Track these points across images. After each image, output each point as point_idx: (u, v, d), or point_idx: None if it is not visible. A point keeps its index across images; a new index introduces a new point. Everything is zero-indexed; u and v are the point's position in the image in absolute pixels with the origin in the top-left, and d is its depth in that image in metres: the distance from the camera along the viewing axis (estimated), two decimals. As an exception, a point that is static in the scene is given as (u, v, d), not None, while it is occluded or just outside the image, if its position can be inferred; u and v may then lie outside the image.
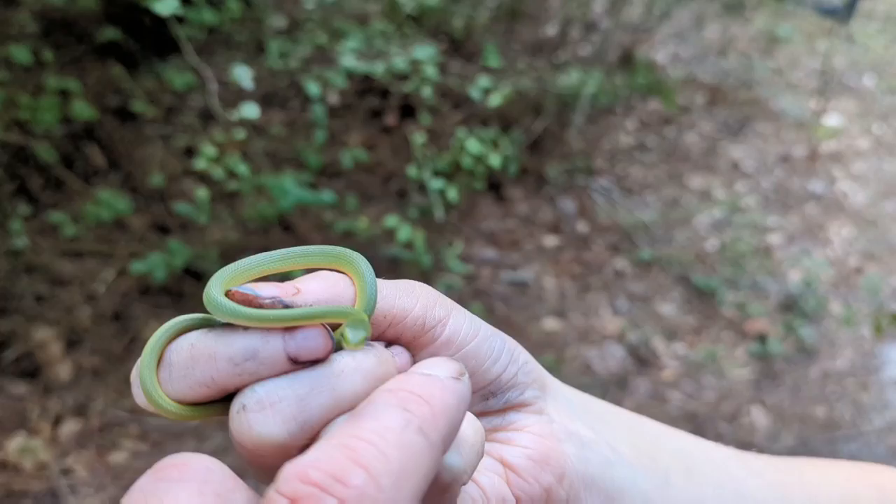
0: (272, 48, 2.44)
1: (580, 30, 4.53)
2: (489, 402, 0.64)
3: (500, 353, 0.63)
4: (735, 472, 0.77)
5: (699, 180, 4.14)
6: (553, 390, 0.68)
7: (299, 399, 0.49)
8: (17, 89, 2.59)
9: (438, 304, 0.60)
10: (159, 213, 3.22)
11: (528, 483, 0.62)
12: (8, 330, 2.80)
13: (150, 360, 0.52)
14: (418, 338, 0.58)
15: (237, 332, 0.50)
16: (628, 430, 0.74)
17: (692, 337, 3.36)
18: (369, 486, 0.38)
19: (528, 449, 0.63)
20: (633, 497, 0.68)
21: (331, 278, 0.55)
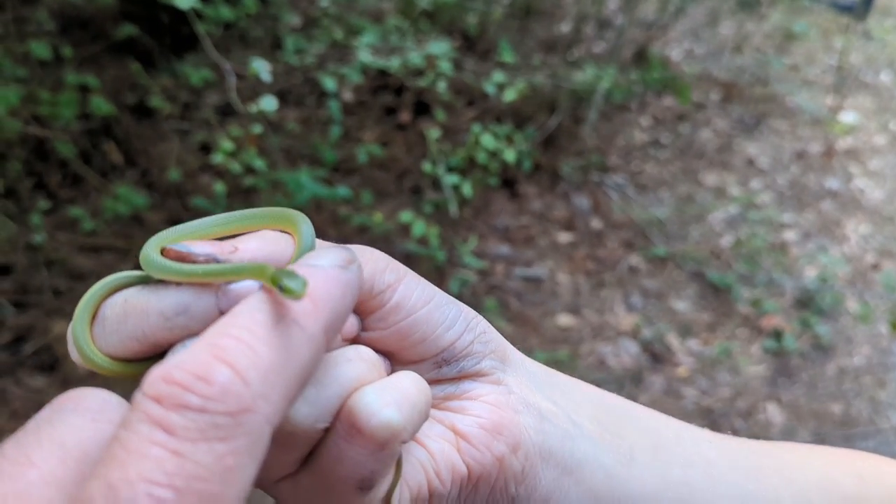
0: (288, 43, 2.45)
1: (594, 27, 4.53)
2: (442, 369, 0.63)
3: (455, 320, 0.62)
4: (706, 453, 0.75)
5: (714, 177, 4.13)
6: (514, 362, 0.68)
7: None
8: (37, 85, 2.62)
9: (389, 270, 0.59)
10: (175, 209, 3.24)
11: (479, 451, 0.61)
12: (27, 323, 2.83)
13: (83, 314, 0.52)
14: (365, 302, 0.58)
15: (170, 288, 0.50)
16: (593, 406, 0.72)
17: (707, 333, 3.35)
18: (234, 383, 0.38)
19: (480, 418, 0.63)
20: (593, 471, 0.67)
21: (270, 237, 0.54)
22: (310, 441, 0.51)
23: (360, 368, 0.53)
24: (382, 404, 0.50)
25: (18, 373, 2.74)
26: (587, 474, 0.66)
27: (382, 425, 0.50)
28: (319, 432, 0.51)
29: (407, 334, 0.59)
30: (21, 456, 0.37)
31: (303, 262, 0.48)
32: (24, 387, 2.72)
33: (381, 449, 0.51)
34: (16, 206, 2.93)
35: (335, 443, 0.51)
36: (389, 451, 0.51)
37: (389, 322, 0.59)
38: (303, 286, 0.46)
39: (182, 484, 0.35)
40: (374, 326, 0.59)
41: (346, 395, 0.51)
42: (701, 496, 0.71)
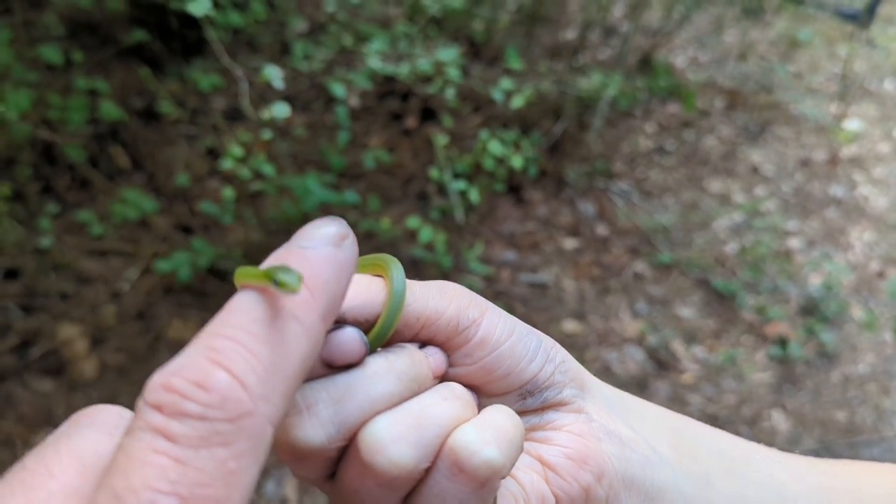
0: (297, 49, 2.47)
1: (600, 34, 4.54)
2: (527, 401, 0.64)
3: (536, 352, 0.63)
4: (778, 475, 0.76)
5: (718, 184, 4.14)
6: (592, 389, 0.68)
7: (335, 402, 0.50)
8: (47, 89, 2.63)
9: (472, 305, 0.60)
10: (182, 214, 3.25)
11: (567, 482, 0.62)
12: (34, 327, 2.83)
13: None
14: (452, 338, 0.59)
15: None
16: (669, 430, 0.73)
17: (712, 340, 3.35)
18: (233, 388, 0.37)
19: (566, 448, 0.63)
20: (673, 498, 0.68)
21: (362, 283, 0.56)
22: (412, 481, 0.52)
23: (456, 407, 0.54)
24: (483, 443, 0.51)
25: (25, 376, 2.74)
26: (668, 500, 0.67)
27: (485, 463, 0.51)
28: (422, 472, 0.51)
29: (492, 369, 0.60)
30: (41, 468, 0.38)
31: (293, 243, 0.47)
32: (30, 390, 2.73)
33: (483, 486, 0.51)
34: (24, 209, 2.94)
35: (437, 482, 0.52)
36: (490, 487, 0.52)
37: (475, 358, 0.59)
38: (298, 280, 0.45)
39: (186, 491, 0.35)
40: (460, 363, 0.60)
41: (446, 435, 0.52)
42: None
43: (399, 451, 0.50)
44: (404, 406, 0.53)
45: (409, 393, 0.53)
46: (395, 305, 0.54)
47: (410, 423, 0.51)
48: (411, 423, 0.51)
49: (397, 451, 0.50)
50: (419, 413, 0.52)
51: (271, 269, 0.46)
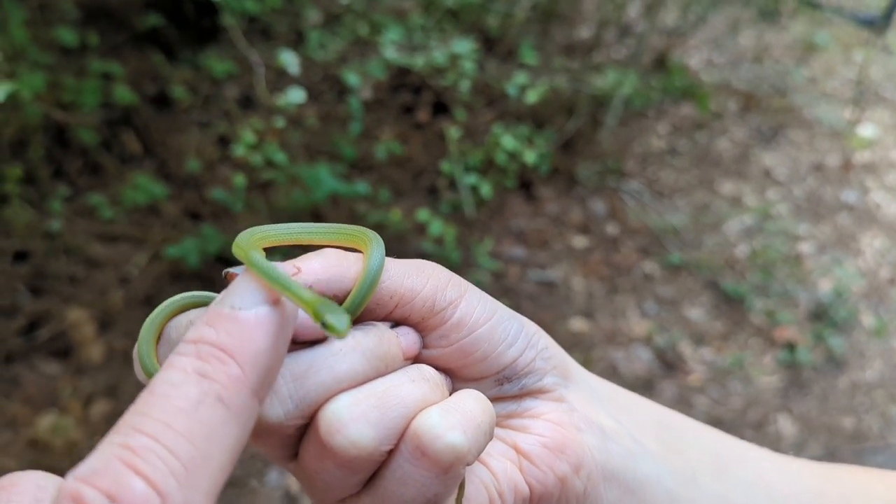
0: (312, 38, 2.46)
1: (615, 32, 4.52)
2: (504, 387, 0.62)
3: (517, 337, 0.60)
4: (768, 475, 0.74)
5: (730, 186, 4.12)
6: (576, 379, 0.66)
7: (295, 378, 0.49)
8: (61, 71, 2.63)
9: (451, 286, 0.58)
10: (192, 200, 3.25)
11: (541, 471, 0.60)
12: (43, 310, 2.84)
13: (148, 335, 0.52)
14: (427, 319, 0.57)
15: None
16: (655, 424, 0.71)
17: (720, 342, 3.34)
18: (150, 499, 0.35)
19: (543, 437, 0.61)
20: (655, 492, 0.66)
21: (333, 257, 0.54)
22: (373, 463, 0.51)
23: (423, 389, 0.52)
24: (447, 427, 0.50)
25: (33, 358, 2.75)
26: (649, 495, 0.65)
27: (448, 448, 0.49)
28: (383, 455, 0.50)
29: (469, 352, 0.58)
30: None
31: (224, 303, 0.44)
32: (37, 372, 2.73)
33: (446, 472, 0.50)
34: (35, 192, 2.94)
35: (399, 465, 0.51)
36: (454, 473, 0.51)
37: (451, 339, 0.57)
38: (347, 324, 0.46)
39: None
40: (435, 344, 0.58)
41: (411, 417, 0.50)
42: None
43: (359, 431, 0.48)
44: (368, 385, 0.51)
45: (374, 373, 0.51)
46: (368, 283, 0.53)
47: (373, 402, 0.50)
48: (374, 403, 0.50)
49: (357, 430, 0.48)
50: (383, 393, 0.50)
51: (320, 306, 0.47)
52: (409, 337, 0.57)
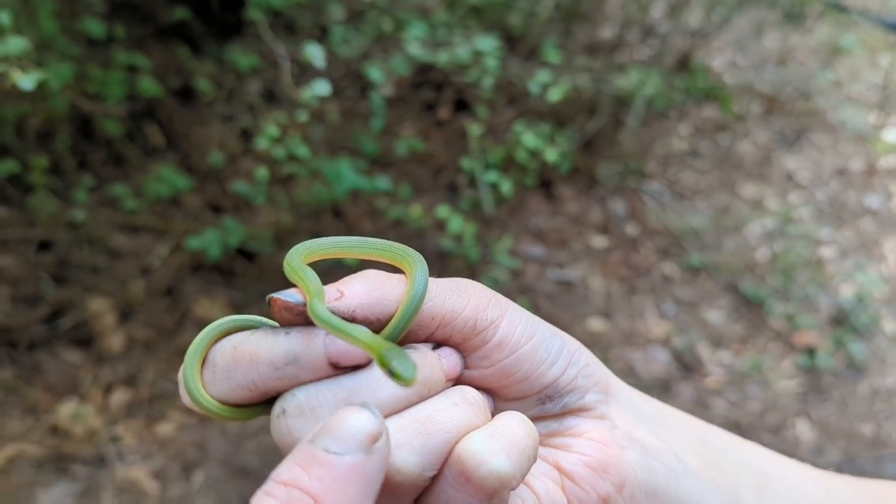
0: (336, 33, 2.47)
1: (638, 33, 4.50)
2: (546, 406, 0.61)
3: (559, 355, 0.60)
4: (811, 492, 0.73)
5: (752, 189, 4.09)
6: (617, 394, 0.66)
7: (339, 405, 0.49)
8: (87, 62, 2.66)
9: (491, 305, 0.57)
10: (214, 193, 3.28)
11: (584, 492, 0.59)
12: (65, 298, 2.87)
13: (193, 360, 0.53)
14: (469, 340, 0.56)
15: (279, 336, 0.50)
16: (697, 440, 0.70)
17: (739, 345, 3.31)
18: None
19: (586, 456, 0.61)
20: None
21: (375, 280, 0.54)
22: (417, 489, 0.51)
23: (466, 413, 0.52)
24: (492, 453, 0.49)
25: (55, 346, 2.78)
26: None
27: (492, 474, 0.49)
28: (427, 480, 0.50)
29: (510, 372, 0.58)
30: None
31: (319, 443, 0.44)
32: (59, 360, 2.76)
33: (491, 498, 0.50)
34: (60, 182, 2.98)
35: (444, 490, 0.50)
36: (499, 499, 0.50)
37: (493, 360, 0.57)
38: (413, 371, 0.46)
39: None
40: (476, 365, 0.57)
41: (455, 442, 0.50)
42: None
43: (403, 458, 0.48)
44: (412, 410, 0.51)
45: (417, 398, 0.51)
46: (412, 308, 0.53)
47: (416, 428, 0.50)
48: (417, 429, 0.50)
49: (401, 457, 0.48)
50: (426, 418, 0.50)
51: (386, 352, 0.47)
52: (452, 359, 0.56)
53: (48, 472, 2.44)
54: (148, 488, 2.45)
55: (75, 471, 2.46)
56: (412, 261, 0.56)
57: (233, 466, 2.57)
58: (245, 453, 2.61)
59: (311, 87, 1.93)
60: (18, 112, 2.71)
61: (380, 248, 0.60)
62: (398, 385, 0.48)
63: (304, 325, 0.50)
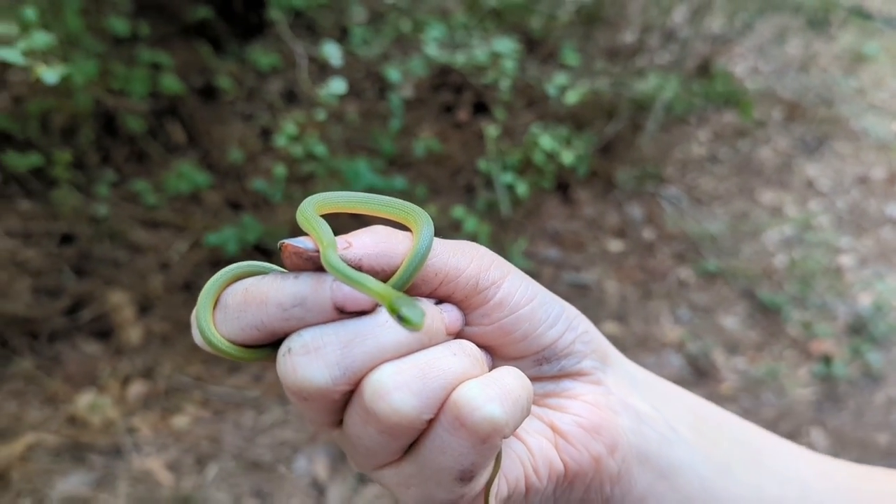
0: (356, 34, 2.49)
1: (659, 38, 4.49)
2: (543, 367, 0.63)
3: (557, 319, 0.62)
4: (803, 471, 0.74)
5: (771, 196, 4.07)
6: (615, 363, 0.67)
7: (343, 346, 0.51)
8: (112, 60, 2.71)
9: (494, 266, 0.59)
10: (233, 191, 3.31)
11: (577, 450, 0.62)
12: (86, 291, 2.92)
13: (206, 301, 0.56)
14: (471, 297, 0.58)
15: (288, 279, 0.53)
16: (691, 413, 0.71)
17: (754, 352, 3.30)
18: None
19: (579, 417, 0.63)
20: (689, 479, 0.67)
21: (383, 233, 0.56)
22: (414, 431, 0.53)
23: (464, 363, 0.54)
24: (486, 399, 0.51)
25: (75, 338, 2.83)
26: (683, 481, 0.66)
27: (486, 420, 0.51)
28: (424, 423, 0.52)
29: (509, 331, 0.60)
30: None
31: None
32: (78, 351, 2.81)
33: (483, 442, 0.52)
34: (83, 177, 3.03)
35: (438, 434, 0.53)
36: (491, 444, 0.52)
37: (493, 318, 0.59)
38: (421, 317, 0.49)
39: None
40: (477, 322, 0.60)
41: (451, 388, 0.52)
42: None
43: (401, 399, 0.50)
44: (412, 357, 0.53)
45: (418, 345, 0.53)
46: (417, 260, 0.55)
47: (416, 373, 0.52)
48: (416, 374, 0.52)
49: (400, 398, 0.50)
50: (426, 364, 0.52)
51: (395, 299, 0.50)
52: (453, 314, 0.58)
53: (65, 460, 2.48)
54: (162, 479, 2.49)
55: (92, 460, 2.50)
56: (419, 218, 0.58)
57: (246, 460, 2.60)
58: (258, 447, 2.64)
59: (328, 86, 1.95)
60: (43, 107, 2.76)
61: (389, 206, 0.63)
62: (406, 330, 0.50)
63: (313, 272, 0.53)
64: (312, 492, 2.54)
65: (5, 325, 2.71)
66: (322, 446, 2.65)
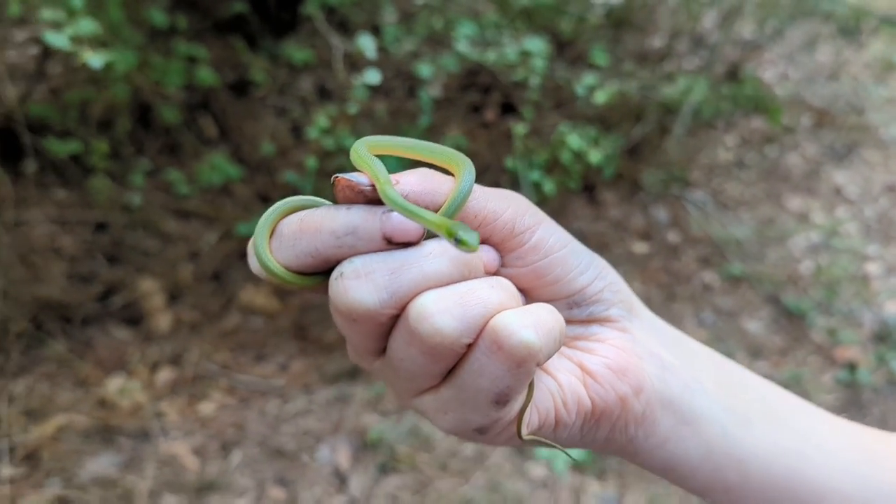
0: (389, 31, 2.53)
1: (688, 43, 4.49)
2: (573, 311, 0.67)
3: (588, 267, 0.66)
4: (820, 428, 0.76)
5: (798, 202, 4.05)
6: (641, 315, 0.71)
7: (391, 272, 0.55)
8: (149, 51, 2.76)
9: (529, 213, 0.63)
10: (264, 184, 3.36)
11: (604, 389, 0.65)
12: (117, 278, 2.98)
13: (263, 231, 0.59)
14: (507, 240, 0.62)
15: (341, 210, 0.57)
16: (714, 367, 0.74)
17: (778, 357, 3.29)
18: None
19: (607, 359, 0.66)
20: (709, 427, 0.70)
21: (427, 174, 0.60)
22: (454, 354, 0.56)
23: (501, 295, 0.57)
24: (522, 325, 0.55)
25: (106, 323, 2.89)
26: (704, 427, 0.70)
27: (522, 343, 0.54)
28: (463, 347, 0.56)
29: (542, 274, 0.64)
30: None
31: None
32: (109, 337, 2.87)
33: (519, 366, 0.55)
34: (118, 167, 3.09)
35: (477, 358, 0.56)
36: (525, 369, 0.56)
37: (527, 261, 0.63)
38: (476, 239, 0.54)
39: None
40: (512, 264, 0.64)
41: (490, 316, 0.56)
42: (813, 469, 0.73)
43: (443, 321, 0.54)
44: (454, 286, 0.57)
45: (459, 276, 0.57)
46: (459, 199, 0.59)
47: (457, 300, 0.55)
48: (457, 301, 0.55)
49: (442, 320, 0.54)
50: (466, 292, 0.56)
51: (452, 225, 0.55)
52: (490, 254, 0.62)
53: (95, 441, 2.54)
54: (188, 463, 2.54)
55: (120, 442, 2.55)
56: (461, 163, 0.62)
57: (269, 447, 2.64)
58: (282, 436, 2.68)
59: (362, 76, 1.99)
60: (82, 97, 2.82)
61: (434, 151, 0.66)
62: (462, 251, 0.55)
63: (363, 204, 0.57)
64: (334, 481, 2.57)
65: (40, 309, 2.78)
66: (345, 436, 2.68)
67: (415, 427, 2.71)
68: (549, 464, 2.63)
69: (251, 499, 2.46)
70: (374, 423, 2.71)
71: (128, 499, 2.38)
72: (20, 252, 2.83)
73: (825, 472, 0.73)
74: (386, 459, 2.62)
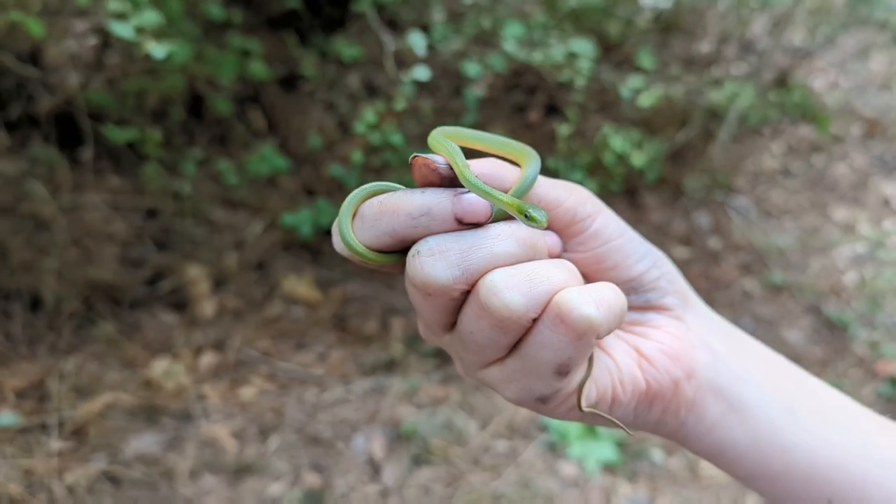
0: (438, 28, 2.57)
1: (737, 48, 4.46)
2: (630, 297, 0.71)
3: (645, 255, 0.71)
4: (865, 426, 0.77)
5: (844, 212, 3.99)
6: (695, 306, 0.75)
7: (463, 251, 0.60)
8: (205, 44, 2.84)
9: (590, 202, 0.68)
10: (309, 176, 3.43)
11: (658, 372, 0.70)
12: (165, 264, 3.06)
13: (347, 213, 0.65)
14: (569, 227, 0.68)
15: (416, 193, 0.61)
16: (764, 361, 0.77)
17: (817, 368, 3.25)
18: None
19: (661, 344, 0.71)
20: (756, 416, 0.73)
21: (495, 162, 0.66)
22: (520, 328, 0.61)
23: (564, 274, 0.62)
24: (584, 301, 0.59)
25: (153, 307, 2.98)
26: (751, 416, 0.73)
27: (583, 317, 0.59)
28: (529, 321, 0.60)
29: (602, 259, 0.69)
30: None
31: None
32: (156, 320, 2.95)
33: (580, 339, 0.60)
34: (170, 156, 3.18)
35: (541, 331, 0.60)
36: (586, 341, 0.60)
37: (588, 247, 0.69)
38: (546, 217, 0.59)
39: None
40: (574, 249, 0.69)
41: (554, 292, 0.60)
42: (856, 464, 0.75)
43: (511, 297, 0.59)
44: (521, 265, 0.61)
45: (525, 257, 0.62)
46: (524, 186, 0.64)
47: (523, 277, 0.60)
48: (524, 278, 0.60)
49: (510, 296, 0.59)
50: (532, 271, 0.60)
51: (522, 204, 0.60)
52: (553, 238, 0.68)
53: (139, 420, 2.62)
54: (227, 446, 2.60)
55: (164, 422, 2.63)
56: (529, 154, 0.68)
57: (307, 434, 2.69)
58: (319, 423, 2.73)
59: (411, 72, 2.03)
60: (139, 86, 2.91)
61: (503, 143, 0.72)
62: (532, 227, 0.60)
63: (437, 187, 0.62)
64: (368, 469, 2.61)
65: (92, 291, 2.87)
66: (380, 427, 2.73)
67: (448, 421, 2.75)
68: (581, 463, 2.64)
69: (287, 483, 2.52)
70: (408, 416, 2.75)
71: (169, 476, 2.45)
72: (75, 235, 2.93)
73: (869, 467, 0.74)
74: (419, 451, 2.66)
